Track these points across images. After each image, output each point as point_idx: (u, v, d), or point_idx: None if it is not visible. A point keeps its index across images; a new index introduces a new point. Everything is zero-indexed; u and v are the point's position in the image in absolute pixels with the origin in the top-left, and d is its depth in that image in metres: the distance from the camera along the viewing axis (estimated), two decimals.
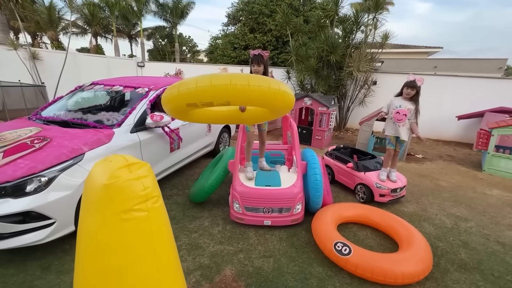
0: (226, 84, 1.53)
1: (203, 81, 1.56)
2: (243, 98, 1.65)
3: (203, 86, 1.55)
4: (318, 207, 2.78)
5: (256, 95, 1.61)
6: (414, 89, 3.06)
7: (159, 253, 0.84)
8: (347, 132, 7.85)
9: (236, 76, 1.58)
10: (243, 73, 1.73)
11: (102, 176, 0.76)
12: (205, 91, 1.56)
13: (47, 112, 3.03)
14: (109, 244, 0.76)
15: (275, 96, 1.68)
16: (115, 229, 0.76)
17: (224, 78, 1.56)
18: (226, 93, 1.56)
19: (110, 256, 0.76)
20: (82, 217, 0.80)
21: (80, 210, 0.82)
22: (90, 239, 0.78)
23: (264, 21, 12.80)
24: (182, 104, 1.74)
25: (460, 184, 4.11)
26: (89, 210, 0.78)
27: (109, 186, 0.75)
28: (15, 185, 1.90)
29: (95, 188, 0.76)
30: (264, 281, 2.01)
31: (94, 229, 0.77)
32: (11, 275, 1.95)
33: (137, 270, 0.80)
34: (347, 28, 7.02)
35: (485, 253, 2.44)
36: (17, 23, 15.60)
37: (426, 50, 19.39)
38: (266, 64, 2.57)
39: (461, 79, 7.31)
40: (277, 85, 1.67)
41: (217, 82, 1.54)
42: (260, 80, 1.63)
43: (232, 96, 1.58)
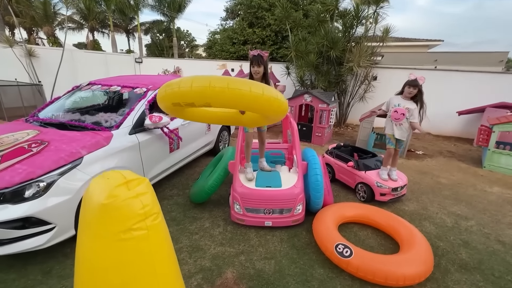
0: (205, 86, 1.57)
1: (184, 83, 1.63)
2: (223, 100, 1.65)
3: (184, 88, 1.62)
4: (319, 207, 2.78)
5: (235, 98, 1.62)
6: (416, 88, 3.02)
7: (159, 270, 0.83)
8: (347, 128, 7.82)
9: (216, 79, 1.61)
10: (224, 76, 1.74)
11: (100, 195, 0.74)
12: (186, 93, 1.63)
13: (44, 113, 2.99)
14: (108, 265, 0.75)
15: (258, 100, 1.67)
16: (114, 249, 0.74)
17: (204, 80, 1.60)
18: (205, 94, 1.60)
19: (109, 277, 0.75)
20: (80, 236, 0.78)
21: (78, 229, 0.80)
22: (89, 259, 0.76)
23: (263, 16, 12.62)
24: (169, 104, 1.85)
25: (460, 181, 4.11)
26: (87, 230, 0.76)
27: (107, 206, 0.72)
28: (14, 191, 1.88)
29: (92, 207, 0.74)
30: (265, 283, 2.01)
31: (92, 249, 0.75)
32: (12, 280, 1.95)
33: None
34: (347, 22, 6.92)
35: (485, 252, 2.45)
36: (12, 19, 15.37)
37: (427, 43, 19.20)
38: (266, 65, 2.53)
39: (462, 74, 7.25)
40: (260, 89, 1.65)
41: (197, 84, 1.59)
42: (240, 83, 1.63)
43: (211, 98, 1.62)
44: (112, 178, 0.78)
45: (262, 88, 1.68)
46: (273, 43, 12.95)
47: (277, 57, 12.42)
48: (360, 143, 5.57)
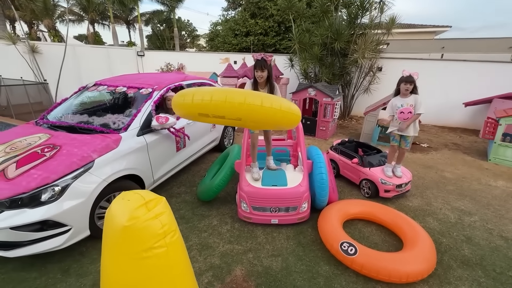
0: (240, 102, 1.59)
1: (218, 95, 1.63)
2: (256, 117, 1.72)
3: (218, 101, 1.62)
4: (324, 205, 2.84)
5: (268, 116, 1.71)
6: (412, 84, 3.00)
7: (179, 283, 0.89)
8: (352, 120, 7.79)
9: (251, 95, 1.64)
10: (258, 92, 1.84)
11: (121, 217, 0.79)
12: (220, 106, 1.64)
13: (53, 115, 3.04)
14: (132, 281, 0.81)
15: (285, 116, 1.79)
16: (137, 267, 0.80)
17: (239, 95, 1.62)
18: (240, 110, 1.64)
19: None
20: (105, 255, 0.84)
21: (102, 248, 0.86)
22: (114, 276, 0.82)
23: (266, 6, 12.34)
24: (194, 113, 1.86)
25: (465, 175, 4.13)
26: (111, 249, 0.82)
27: (129, 228, 0.78)
28: (31, 196, 1.96)
29: (115, 228, 0.79)
30: (273, 280, 2.10)
31: (117, 267, 0.81)
32: (34, 278, 2.06)
33: None
34: (352, 12, 6.77)
35: (488, 248, 2.50)
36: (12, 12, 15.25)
37: (434, 30, 18.68)
38: (270, 69, 2.53)
39: (469, 64, 7.10)
40: (287, 105, 1.79)
41: (232, 99, 1.60)
42: (273, 100, 1.71)
43: (245, 114, 1.67)
44: (132, 199, 0.83)
45: (289, 104, 1.80)
46: (276, 34, 12.72)
47: (280, 49, 12.24)
48: (365, 137, 5.57)
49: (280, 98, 1.83)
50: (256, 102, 1.60)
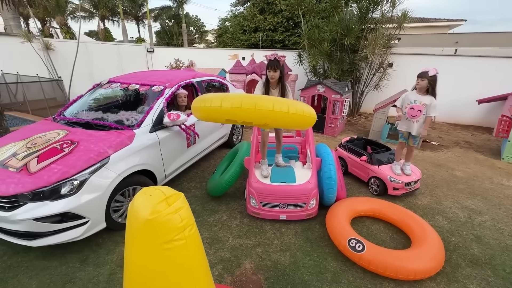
0: (269, 110, 1.72)
1: (248, 102, 1.74)
2: (281, 122, 1.89)
3: (248, 108, 1.72)
4: (332, 202, 2.87)
5: (292, 120, 1.85)
6: (424, 79, 2.92)
7: (196, 274, 0.95)
8: (361, 117, 7.72)
9: (279, 102, 1.78)
10: (283, 99, 1.97)
11: (144, 211, 0.85)
12: (249, 113, 1.74)
13: (69, 112, 3.16)
14: (154, 271, 0.87)
15: (306, 120, 1.94)
16: (158, 258, 0.86)
17: (268, 102, 1.75)
18: (268, 117, 1.76)
19: (155, 281, 0.88)
20: (128, 246, 0.91)
21: (126, 240, 0.92)
22: (137, 267, 0.89)
23: (274, 1, 12.22)
24: (221, 118, 1.96)
25: (476, 174, 4.07)
26: (134, 241, 0.88)
27: (152, 221, 0.83)
28: (52, 189, 2.06)
29: (139, 221, 0.85)
30: (281, 274, 2.15)
31: (139, 257, 0.88)
32: (55, 267, 2.18)
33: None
34: (363, 7, 6.65)
35: (498, 248, 2.49)
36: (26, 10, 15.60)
37: (448, 24, 18.11)
38: (282, 69, 2.55)
39: (483, 59, 6.90)
40: (308, 110, 1.92)
41: (261, 106, 1.72)
42: (297, 107, 1.83)
43: (272, 120, 1.80)
44: (153, 194, 0.89)
45: (310, 109, 1.93)
46: (285, 30, 12.61)
47: (289, 45, 12.15)
48: (374, 134, 5.53)
49: (300, 103, 1.93)
50: (283, 109, 1.74)
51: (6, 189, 2.00)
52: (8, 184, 2.03)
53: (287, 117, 1.78)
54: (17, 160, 2.22)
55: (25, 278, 2.07)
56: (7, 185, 2.02)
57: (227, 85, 4.64)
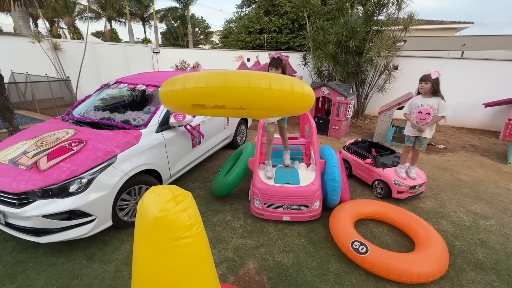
0: (243, 87, 1.18)
1: (214, 79, 1.19)
2: (263, 103, 1.29)
3: (215, 86, 1.19)
4: (335, 204, 2.87)
5: (278, 100, 1.28)
6: (427, 83, 2.92)
7: (203, 271, 0.98)
8: (365, 119, 7.69)
9: (256, 76, 1.22)
10: (263, 72, 1.34)
11: (153, 209, 0.87)
12: (218, 92, 1.21)
13: (77, 111, 3.22)
14: (162, 267, 0.90)
15: (298, 98, 1.34)
16: (166, 254, 0.89)
17: (241, 77, 1.20)
18: (243, 96, 1.22)
19: (163, 277, 0.90)
20: (137, 243, 0.93)
21: (135, 237, 0.95)
22: (145, 263, 0.91)
23: (280, 3, 12.27)
24: (187, 104, 1.33)
25: (482, 178, 4.03)
26: (143, 238, 0.91)
27: (161, 219, 0.86)
28: (61, 187, 2.11)
29: (148, 219, 0.88)
30: (284, 275, 2.17)
31: (148, 254, 0.90)
32: (62, 263, 2.23)
33: (185, 284, 0.94)
34: (368, 10, 6.65)
35: (503, 253, 2.47)
36: (35, 10, 15.86)
37: (455, 26, 17.95)
38: (284, 68, 2.58)
39: (490, 62, 6.84)
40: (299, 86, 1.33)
41: (232, 83, 1.18)
42: (283, 81, 1.26)
43: (250, 100, 1.25)
44: (162, 193, 0.92)
45: (291, 83, 1.30)
46: (290, 32, 12.63)
47: (294, 46, 12.16)
48: (378, 137, 5.52)
49: (290, 77, 1.36)
50: (263, 85, 1.19)
51: (17, 186, 2.05)
52: (18, 182, 2.08)
53: (270, 96, 1.22)
54: (27, 158, 2.27)
55: (33, 274, 2.12)
56: (17, 182, 2.08)
57: None
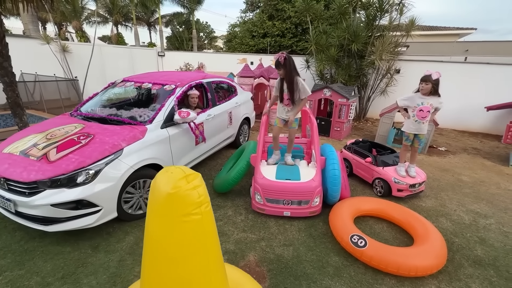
0: None
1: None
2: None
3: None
4: (335, 200, 2.91)
5: None
6: (428, 83, 3.00)
7: (209, 247, 1.04)
8: (367, 122, 7.73)
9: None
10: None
11: (166, 186, 0.93)
12: None
13: (85, 108, 3.32)
14: (172, 240, 0.96)
15: None
16: (177, 229, 0.95)
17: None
18: None
19: (173, 249, 0.96)
20: (149, 217, 1.00)
21: (148, 212, 1.01)
22: (157, 236, 0.97)
23: (283, 8, 12.47)
24: None
25: (483, 179, 4.04)
26: (156, 212, 0.97)
27: (173, 195, 0.92)
28: (69, 177, 2.19)
29: (161, 195, 0.94)
30: (284, 267, 2.21)
31: (160, 228, 0.96)
32: (68, 252, 2.29)
33: (193, 261, 1.00)
34: (370, 15, 6.75)
35: (502, 250, 2.49)
36: (45, 14, 16.27)
37: (457, 32, 18.04)
38: (286, 67, 2.73)
39: (492, 66, 6.87)
40: None
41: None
42: None
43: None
44: (174, 172, 0.98)
45: None
46: (293, 36, 12.81)
47: (297, 50, 12.30)
48: (380, 138, 5.55)
49: None
50: None
51: (27, 176, 2.14)
52: (29, 171, 2.16)
53: None
54: (37, 149, 2.36)
55: (40, 261, 2.19)
56: (28, 172, 2.16)
57: (236, 87, 4.77)
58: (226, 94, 4.50)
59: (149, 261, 1.02)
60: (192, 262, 0.99)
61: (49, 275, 2.05)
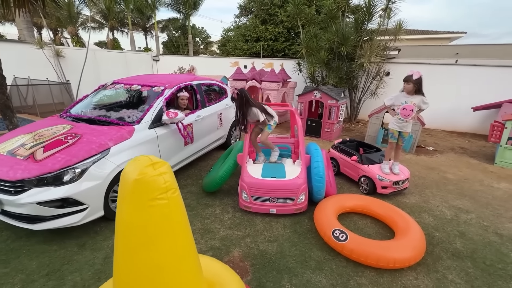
0: None
1: None
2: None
3: None
4: (320, 197, 2.97)
5: None
6: (409, 83, 3.09)
7: (177, 230, 1.09)
8: (358, 124, 7.84)
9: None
10: None
11: (133, 173, 0.99)
12: None
13: (75, 109, 3.36)
14: (140, 224, 1.01)
15: None
16: (144, 213, 1.00)
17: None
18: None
19: (141, 233, 1.02)
20: (119, 203, 1.05)
21: (118, 198, 1.07)
22: (126, 220, 1.03)
23: (276, 13, 12.69)
24: None
25: (467, 177, 4.14)
26: (124, 198, 1.02)
27: (139, 181, 0.98)
28: (55, 176, 2.22)
29: (128, 181, 1.00)
30: (267, 262, 2.25)
31: (128, 212, 1.02)
32: (55, 250, 2.32)
33: (161, 243, 1.06)
34: (359, 18, 6.91)
35: (481, 243, 2.56)
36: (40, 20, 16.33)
37: (448, 36, 18.43)
38: (239, 101, 2.96)
39: (480, 69, 7.05)
40: None
41: None
42: None
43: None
44: (142, 160, 1.04)
45: None
46: (285, 40, 13.01)
47: (289, 54, 12.48)
48: (369, 139, 5.65)
49: None
50: None
51: (13, 174, 2.17)
52: (15, 170, 2.20)
53: None
54: (24, 149, 2.40)
55: (26, 259, 2.21)
56: (14, 171, 2.20)
57: (226, 89, 4.85)
58: (216, 96, 4.57)
59: (119, 245, 1.07)
60: (161, 245, 1.04)
61: (34, 273, 2.08)
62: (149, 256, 1.04)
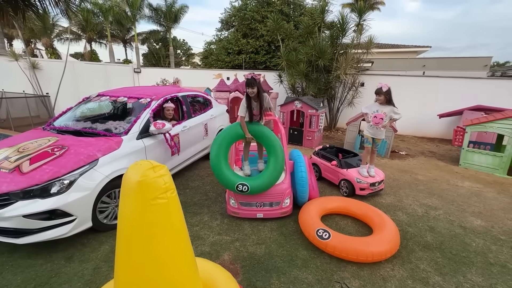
0: None
1: None
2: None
3: None
4: (305, 201, 3.15)
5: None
6: (380, 95, 3.42)
7: (176, 227, 1.20)
8: (338, 131, 8.25)
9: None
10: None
11: (136, 175, 1.10)
12: None
13: (59, 122, 3.34)
14: (142, 221, 1.11)
15: None
16: (146, 211, 1.11)
17: None
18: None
19: (142, 230, 1.11)
20: (122, 203, 1.15)
21: (120, 198, 1.17)
22: (128, 218, 1.12)
23: (256, 27, 13.19)
24: None
25: (436, 177, 4.53)
26: (127, 198, 1.13)
27: (141, 182, 1.09)
28: (42, 188, 2.22)
29: (131, 183, 1.11)
30: (256, 263, 2.36)
31: (131, 211, 1.12)
32: (40, 264, 2.28)
33: (161, 239, 1.16)
34: (334, 34, 7.43)
35: (448, 235, 2.84)
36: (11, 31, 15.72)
37: (415, 50, 20.01)
38: (259, 85, 2.90)
39: (445, 80, 7.76)
40: None
41: None
42: None
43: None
44: (143, 164, 1.15)
45: None
46: (266, 53, 13.49)
47: (270, 66, 12.93)
48: (348, 145, 5.99)
49: None
50: None
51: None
52: (0, 183, 2.18)
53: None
54: (9, 162, 2.38)
55: (10, 275, 2.16)
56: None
57: (211, 100, 4.99)
58: (201, 107, 4.70)
59: (122, 241, 1.16)
60: (161, 240, 1.14)
61: (19, 287, 2.04)
62: (151, 250, 1.14)
